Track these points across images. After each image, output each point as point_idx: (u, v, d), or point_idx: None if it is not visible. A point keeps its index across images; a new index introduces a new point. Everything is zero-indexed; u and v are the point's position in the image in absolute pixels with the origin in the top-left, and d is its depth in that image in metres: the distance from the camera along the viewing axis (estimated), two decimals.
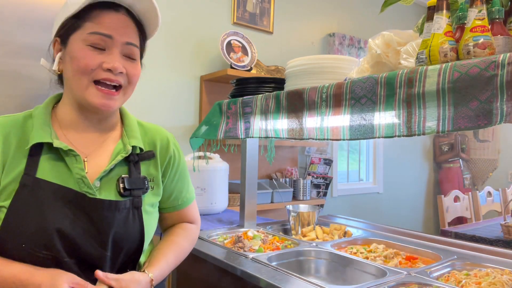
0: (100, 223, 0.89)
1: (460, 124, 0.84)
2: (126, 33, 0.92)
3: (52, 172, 0.90)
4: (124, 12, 0.93)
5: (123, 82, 0.93)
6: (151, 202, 1.02)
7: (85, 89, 0.90)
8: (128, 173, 0.97)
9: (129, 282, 0.88)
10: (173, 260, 1.04)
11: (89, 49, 0.88)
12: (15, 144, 0.89)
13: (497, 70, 0.78)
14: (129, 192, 0.94)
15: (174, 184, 1.10)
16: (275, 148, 3.22)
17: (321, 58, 1.43)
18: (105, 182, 0.94)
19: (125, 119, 1.05)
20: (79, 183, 0.90)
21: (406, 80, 0.94)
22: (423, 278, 1.19)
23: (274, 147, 1.88)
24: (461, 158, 4.78)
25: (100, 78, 0.89)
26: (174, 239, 1.10)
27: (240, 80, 1.81)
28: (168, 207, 1.12)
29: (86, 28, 0.89)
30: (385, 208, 4.34)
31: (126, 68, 0.92)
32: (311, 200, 3.38)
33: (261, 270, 1.26)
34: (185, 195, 1.14)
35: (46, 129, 0.91)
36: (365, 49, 3.94)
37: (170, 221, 1.16)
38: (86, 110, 0.94)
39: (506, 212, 2.73)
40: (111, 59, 0.89)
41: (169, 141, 1.09)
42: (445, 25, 0.95)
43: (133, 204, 0.95)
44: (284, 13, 3.48)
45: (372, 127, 1.03)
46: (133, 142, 0.99)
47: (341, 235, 1.74)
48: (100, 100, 0.90)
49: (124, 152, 0.97)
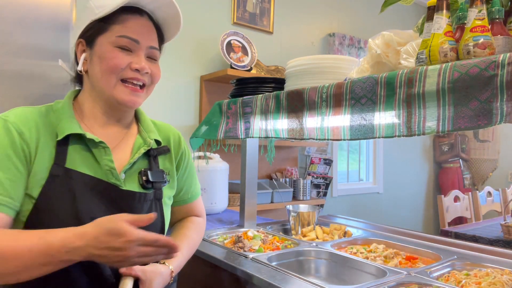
0: (130, 213, 0.87)
1: (460, 124, 0.84)
2: (150, 38, 0.99)
3: (81, 163, 0.93)
4: (147, 18, 1.00)
5: (147, 81, 0.99)
6: (169, 195, 1.08)
7: (113, 87, 0.95)
8: (148, 166, 1.02)
9: (152, 273, 0.91)
10: (187, 252, 1.09)
11: (118, 50, 0.94)
12: (43, 134, 0.91)
13: (497, 70, 0.78)
14: (151, 185, 1.00)
15: (184, 179, 1.16)
16: (275, 148, 3.22)
17: (321, 58, 1.43)
18: (128, 175, 0.98)
19: (140, 116, 1.11)
20: (108, 174, 0.94)
21: (406, 80, 0.94)
22: (423, 278, 1.19)
23: (274, 147, 1.88)
24: (461, 158, 4.78)
25: (128, 77, 0.96)
26: (186, 232, 1.14)
27: (240, 80, 1.81)
28: (178, 200, 1.17)
29: (114, 31, 0.95)
30: (385, 208, 4.34)
31: (151, 68, 0.99)
32: (311, 200, 3.38)
33: (261, 270, 1.26)
34: (193, 189, 1.21)
35: (75, 122, 0.95)
36: (365, 49, 3.94)
37: (178, 214, 1.20)
38: (110, 107, 0.99)
39: (506, 212, 2.73)
40: (139, 60, 0.96)
41: (180, 138, 1.17)
42: (445, 25, 0.95)
43: (155, 196, 1.01)
44: (284, 13, 3.48)
45: (372, 127, 1.03)
46: (152, 136, 1.06)
47: (341, 235, 1.74)
48: (128, 96, 0.96)
49: (146, 145, 1.03)
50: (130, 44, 0.95)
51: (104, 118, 1.01)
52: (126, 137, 1.04)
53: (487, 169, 4.86)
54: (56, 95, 1.28)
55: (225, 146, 2.44)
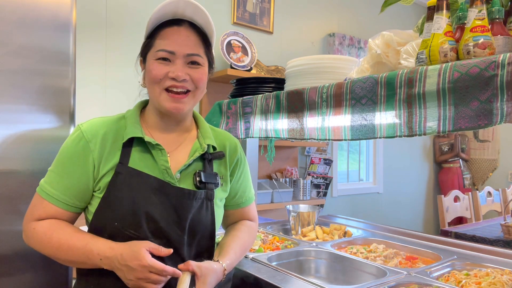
0: (181, 209, 1.02)
1: (460, 124, 0.84)
2: (187, 46, 1.03)
3: (142, 162, 1.04)
4: (187, 25, 1.05)
5: (189, 87, 1.05)
6: (221, 197, 1.14)
7: (159, 96, 1.04)
8: (203, 168, 1.10)
9: (207, 269, 0.99)
10: (239, 252, 1.14)
11: (158, 62, 1.02)
12: (111, 141, 1.04)
13: (497, 70, 0.78)
14: (204, 185, 1.06)
15: (239, 184, 1.22)
16: (275, 148, 3.21)
17: (321, 58, 1.43)
18: (184, 175, 1.07)
19: (199, 123, 1.19)
20: (163, 173, 1.03)
21: (406, 80, 0.94)
22: (423, 278, 1.19)
23: (274, 147, 1.88)
24: (461, 158, 4.78)
25: (167, 86, 1.02)
26: (239, 234, 1.19)
27: (240, 80, 1.81)
28: (232, 204, 1.23)
29: (156, 46, 1.03)
30: (385, 208, 4.34)
31: (190, 74, 1.04)
32: (311, 200, 3.38)
33: (261, 270, 1.26)
34: (247, 194, 1.26)
35: (138, 127, 1.06)
36: (365, 49, 3.94)
37: (232, 218, 1.26)
38: (163, 114, 1.08)
39: (506, 212, 2.73)
40: (175, 69, 1.02)
41: (237, 145, 1.22)
42: (445, 25, 0.95)
43: (207, 195, 1.07)
44: (284, 13, 3.48)
45: (373, 127, 1.03)
46: (208, 141, 1.12)
47: (341, 235, 1.74)
48: (170, 104, 1.03)
49: (201, 150, 1.10)
50: (167, 56, 1.02)
51: (162, 124, 1.10)
52: (186, 141, 1.13)
53: (487, 169, 4.86)
54: (56, 94, 1.28)
55: None
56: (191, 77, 1.04)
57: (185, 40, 1.04)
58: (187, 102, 1.06)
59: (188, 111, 1.11)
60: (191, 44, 1.05)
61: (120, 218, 0.98)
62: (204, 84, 1.09)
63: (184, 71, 1.03)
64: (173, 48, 1.02)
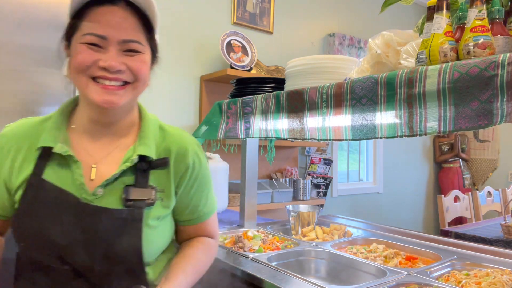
0: (92, 231, 0.85)
1: (461, 124, 0.84)
2: (123, 29, 0.84)
3: (57, 175, 0.88)
4: (123, 5, 0.86)
5: (127, 78, 0.86)
6: (157, 215, 0.93)
7: (86, 87, 0.85)
8: (134, 182, 0.90)
9: None
10: (191, 274, 0.96)
11: (85, 47, 0.83)
12: (26, 148, 0.90)
13: (497, 70, 0.78)
14: (132, 203, 0.88)
15: (190, 197, 1.01)
16: (275, 148, 3.21)
17: (321, 58, 1.43)
18: (109, 191, 0.89)
19: (142, 123, 0.98)
20: (79, 189, 0.88)
21: (406, 80, 0.94)
22: (423, 278, 1.19)
23: (274, 147, 1.88)
24: (461, 158, 4.78)
25: (96, 76, 0.84)
26: (191, 252, 1.01)
27: (240, 80, 1.81)
28: (183, 220, 1.03)
29: (83, 29, 0.84)
30: (385, 208, 4.34)
31: (128, 64, 0.85)
32: (311, 200, 3.38)
33: (261, 270, 1.26)
34: (201, 209, 1.04)
35: (55, 133, 0.90)
36: (365, 49, 3.94)
37: (185, 234, 1.07)
38: (92, 111, 0.90)
39: (506, 212, 2.73)
40: (108, 58, 0.83)
41: (187, 150, 0.99)
42: (445, 25, 0.94)
43: (132, 215, 0.87)
44: (284, 13, 3.48)
45: (374, 127, 1.03)
46: (140, 151, 0.92)
47: (341, 235, 1.74)
48: (101, 96, 0.84)
49: (130, 162, 0.90)
50: (97, 41, 0.83)
51: (93, 126, 0.92)
52: (118, 149, 0.94)
53: (487, 169, 4.86)
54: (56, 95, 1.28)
55: (225, 146, 2.44)
56: (128, 67, 0.85)
57: (120, 23, 0.84)
58: (123, 95, 0.86)
59: (125, 108, 0.92)
60: (128, 27, 0.85)
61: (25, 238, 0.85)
62: (146, 75, 0.90)
63: (119, 60, 0.84)
64: (105, 32, 0.83)
